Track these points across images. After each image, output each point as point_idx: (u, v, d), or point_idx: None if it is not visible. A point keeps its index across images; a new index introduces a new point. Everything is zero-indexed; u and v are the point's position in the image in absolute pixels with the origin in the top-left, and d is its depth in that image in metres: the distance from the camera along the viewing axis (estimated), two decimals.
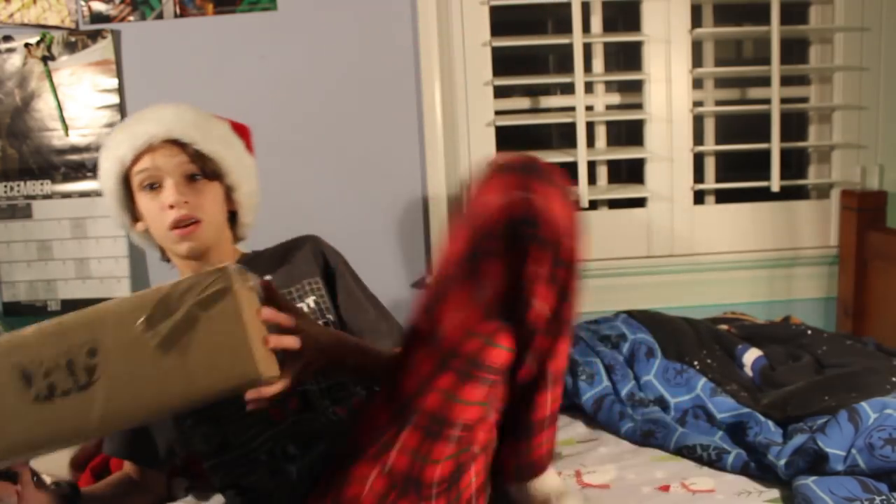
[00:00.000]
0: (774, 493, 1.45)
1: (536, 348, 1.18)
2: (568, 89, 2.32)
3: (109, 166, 1.40)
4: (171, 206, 1.35)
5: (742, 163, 2.55)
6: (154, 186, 1.37)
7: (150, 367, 0.96)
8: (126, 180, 1.40)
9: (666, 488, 1.49)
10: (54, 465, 1.68)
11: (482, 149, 2.35)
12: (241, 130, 1.63)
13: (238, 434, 1.33)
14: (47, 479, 1.20)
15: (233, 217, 1.50)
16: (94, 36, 2.19)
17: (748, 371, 1.93)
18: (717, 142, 2.45)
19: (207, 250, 1.42)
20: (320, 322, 1.45)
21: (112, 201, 1.44)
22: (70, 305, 2.28)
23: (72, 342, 0.98)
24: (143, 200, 1.39)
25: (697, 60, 2.38)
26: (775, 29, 2.26)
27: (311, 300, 1.46)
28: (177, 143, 1.37)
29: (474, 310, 1.11)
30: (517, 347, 1.17)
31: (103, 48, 2.19)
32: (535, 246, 1.08)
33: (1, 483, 1.14)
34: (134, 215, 1.44)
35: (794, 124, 2.50)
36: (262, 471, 1.31)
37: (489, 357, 1.13)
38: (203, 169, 1.39)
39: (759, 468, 1.52)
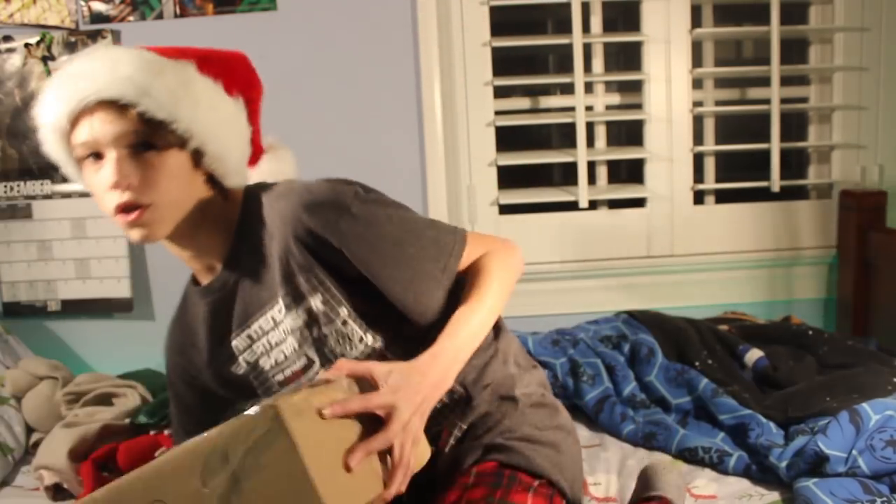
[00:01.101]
0: (775, 496, 1.45)
1: None
2: (568, 89, 2.32)
3: (49, 136, 1.15)
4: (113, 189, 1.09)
5: (742, 163, 2.55)
6: (99, 157, 1.11)
7: None
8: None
9: None
10: (52, 457, 1.69)
11: (482, 149, 2.35)
12: (231, 63, 1.25)
13: None
14: None
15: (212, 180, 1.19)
16: (94, 36, 2.19)
17: (750, 371, 1.93)
18: (717, 142, 2.44)
19: (178, 233, 1.16)
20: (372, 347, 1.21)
21: (70, 170, 1.20)
22: (70, 305, 2.28)
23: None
24: (88, 174, 1.14)
25: (697, 60, 2.38)
26: (775, 29, 2.26)
27: (317, 300, 1.20)
28: (115, 106, 1.08)
29: None
30: None
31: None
32: None
33: None
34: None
35: (794, 124, 2.50)
36: None
37: None
38: (151, 138, 1.09)
39: (760, 470, 1.52)
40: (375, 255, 1.16)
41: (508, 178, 2.40)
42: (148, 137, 1.09)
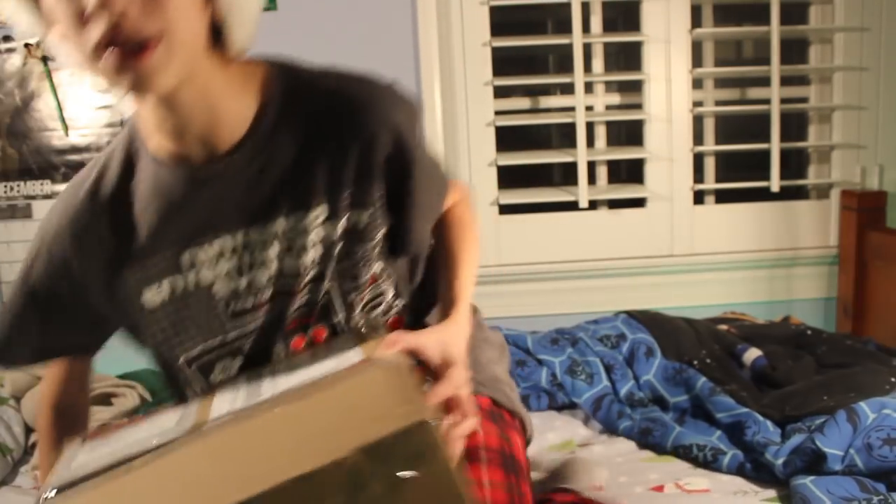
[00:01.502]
0: (771, 493, 1.45)
1: None
2: (568, 89, 2.32)
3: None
4: (99, 13, 0.77)
5: (742, 163, 2.54)
6: None
7: None
8: None
9: (660, 488, 1.49)
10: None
11: (482, 149, 2.35)
12: None
13: None
14: None
15: (217, 32, 0.90)
16: None
17: (748, 371, 1.92)
18: (717, 142, 2.44)
19: (179, 90, 0.87)
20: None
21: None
22: None
23: None
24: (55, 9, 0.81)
25: (697, 60, 2.38)
26: (775, 29, 2.26)
27: (365, 215, 1.02)
28: None
29: None
30: None
31: None
32: None
33: None
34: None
35: (794, 124, 2.50)
36: None
37: None
38: None
39: (755, 469, 1.52)
40: (421, 179, 1.05)
41: (508, 178, 2.40)
42: None
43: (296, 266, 1.01)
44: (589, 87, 2.37)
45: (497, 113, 2.35)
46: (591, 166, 2.38)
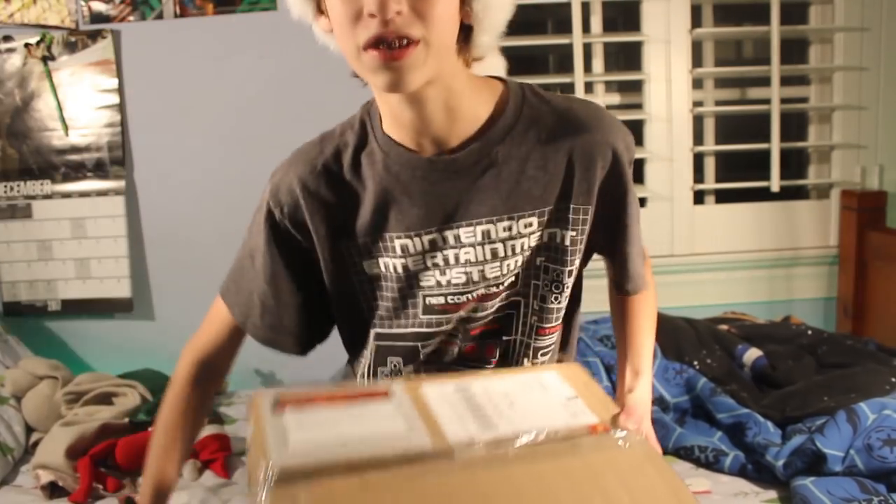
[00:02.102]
0: (772, 494, 1.45)
1: None
2: (568, 89, 2.32)
3: None
4: (373, 15, 0.86)
5: (742, 163, 2.55)
6: None
7: None
8: None
9: None
10: (50, 455, 1.69)
11: None
12: None
13: None
14: None
15: (464, 32, 0.97)
16: (94, 36, 2.19)
17: (748, 371, 1.93)
18: (717, 142, 2.45)
19: (430, 88, 0.94)
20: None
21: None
22: (70, 305, 2.28)
23: None
24: (334, 8, 0.90)
25: (697, 60, 2.38)
26: (775, 29, 2.26)
27: (569, 235, 1.04)
28: None
29: None
30: None
31: (103, 48, 2.19)
32: None
33: None
34: (318, 2, 0.98)
35: (794, 124, 2.50)
36: None
37: None
38: None
39: (756, 470, 1.52)
40: (633, 213, 1.08)
41: None
42: None
43: (497, 272, 1.04)
44: (589, 87, 2.37)
45: None
46: None
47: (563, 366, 0.98)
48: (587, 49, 2.34)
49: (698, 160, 2.43)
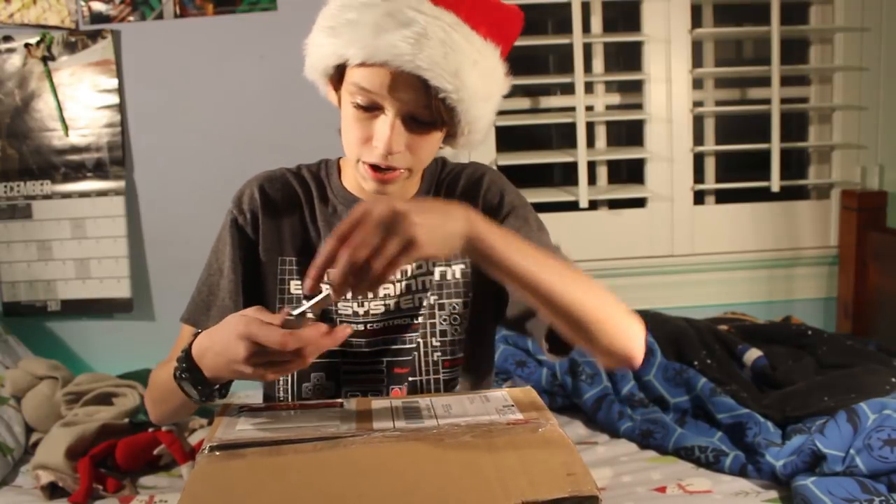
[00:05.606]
0: (772, 494, 1.45)
1: None
2: (568, 89, 2.32)
3: (321, 52, 1.10)
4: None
5: (742, 163, 2.55)
6: (369, 109, 1.06)
7: None
8: (338, 67, 1.09)
9: (662, 489, 1.49)
10: (49, 455, 1.69)
11: (482, 149, 2.35)
12: (508, 20, 1.17)
13: None
14: None
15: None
16: (94, 36, 2.19)
17: (748, 371, 1.93)
18: (717, 142, 2.44)
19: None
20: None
21: (313, 70, 1.17)
22: (70, 305, 2.28)
23: None
24: (348, 110, 1.09)
25: (697, 60, 2.38)
26: (775, 29, 2.26)
27: (458, 269, 1.20)
28: (419, 79, 1.01)
29: None
30: None
31: (103, 48, 2.19)
32: None
33: None
34: (334, 85, 1.14)
35: (794, 124, 2.50)
36: None
37: None
38: (435, 116, 1.04)
39: (756, 470, 1.52)
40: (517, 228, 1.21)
41: (508, 177, 2.38)
42: (433, 117, 1.04)
43: (410, 304, 1.18)
44: (589, 88, 2.37)
45: (497, 113, 2.34)
46: (592, 166, 2.38)
47: (517, 389, 1.03)
48: (587, 49, 2.34)
49: (698, 160, 2.43)
